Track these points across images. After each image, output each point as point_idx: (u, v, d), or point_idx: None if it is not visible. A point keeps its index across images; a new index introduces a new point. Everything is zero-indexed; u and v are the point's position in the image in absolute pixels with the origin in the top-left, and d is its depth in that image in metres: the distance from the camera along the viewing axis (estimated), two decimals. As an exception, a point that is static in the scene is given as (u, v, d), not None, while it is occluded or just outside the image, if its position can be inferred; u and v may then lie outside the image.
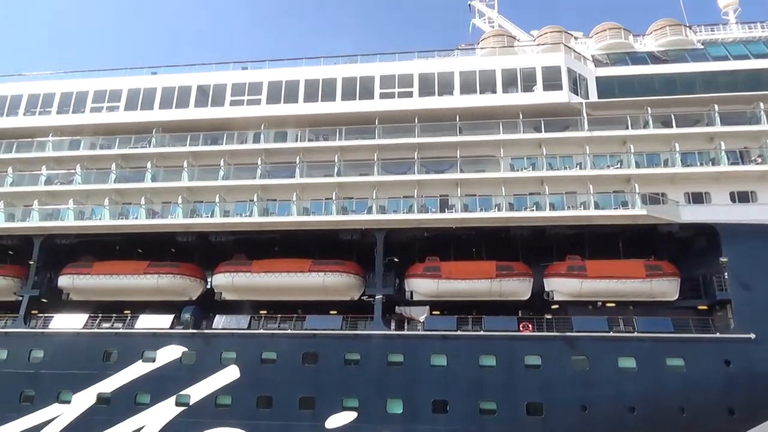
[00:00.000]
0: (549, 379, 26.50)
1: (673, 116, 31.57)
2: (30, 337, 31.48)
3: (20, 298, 33.11)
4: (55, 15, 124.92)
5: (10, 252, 35.26)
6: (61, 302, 33.55)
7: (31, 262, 33.58)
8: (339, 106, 33.85)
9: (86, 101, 36.38)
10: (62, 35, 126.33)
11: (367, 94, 33.82)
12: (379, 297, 29.92)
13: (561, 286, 29.57)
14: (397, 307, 31.99)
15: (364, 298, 30.99)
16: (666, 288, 28.73)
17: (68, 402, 29.32)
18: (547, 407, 26.04)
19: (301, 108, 34.20)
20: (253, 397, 28.01)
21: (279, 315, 30.79)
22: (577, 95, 32.48)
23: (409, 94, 33.44)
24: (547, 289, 29.87)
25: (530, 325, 28.23)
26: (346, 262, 31.24)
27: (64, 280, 33.16)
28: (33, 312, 33.16)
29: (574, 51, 34.73)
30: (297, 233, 31.68)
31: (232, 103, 34.96)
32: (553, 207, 30.21)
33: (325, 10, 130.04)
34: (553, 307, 30.19)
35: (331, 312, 31.69)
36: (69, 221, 33.38)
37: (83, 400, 29.23)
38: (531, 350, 27.29)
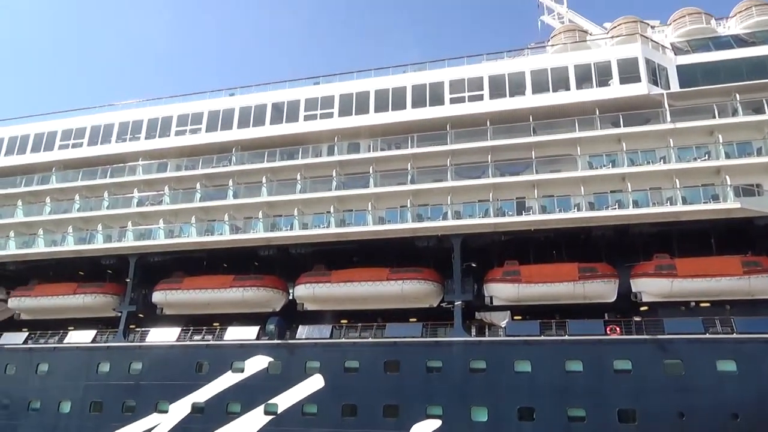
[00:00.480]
0: (641, 385, 25.29)
1: (765, 102, 29.61)
2: (129, 350, 33.51)
3: (119, 314, 35.36)
4: (127, 42, 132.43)
5: (109, 271, 37.66)
6: (156, 316, 35.55)
7: (128, 280, 35.78)
8: (410, 114, 34.03)
9: (171, 126, 38.42)
10: (137, 60, 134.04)
11: (437, 100, 33.82)
12: (458, 303, 29.72)
13: (649, 287, 28.24)
14: (477, 313, 31.65)
15: (443, 304, 30.87)
16: (767, 285, 26.85)
17: (166, 411, 30.93)
18: (640, 414, 24.88)
19: (373, 118, 34.63)
20: (338, 406, 28.47)
21: (360, 324, 31.23)
22: (657, 86, 31.06)
23: (480, 98, 33.13)
24: (634, 290, 28.59)
25: (618, 328, 27.11)
26: (423, 269, 31.26)
27: (157, 296, 35.14)
28: (131, 326, 35.36)
29: (652, 40, 33.32)
30: (374, 242, 32.01)
31: (306, 118, 35.88)
32: (636, 204, 29.03)
33: (387, 19, 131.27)
34: (642, 308, 28.88)
35: (411, 319, 31.80)
36: (160, 240, 35.32)
37: (179, 409, 30.74)
38: (620, 354, 26.19)
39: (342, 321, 32.53)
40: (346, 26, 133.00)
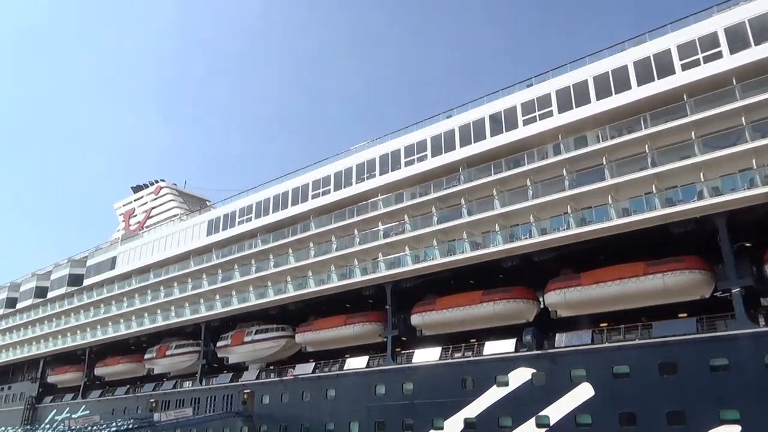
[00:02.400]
0: None
1: None
2: (400, 372, 36.06)
3: (385, 339, 38.34)
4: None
5: (370, 300, 41.18)
6: (417, 338, 37.76)
7: (387, 307, 38.71)
8: (636, 93, 31.20)
9: (400, 158, 40.89)
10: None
11: (665, 70, 30.46)
12: (736, 290, 26.10)
13: None
14: (762, 299, 27.37)
15: (717, 294, 27.40)
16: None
17: (441, 428, 32.48)
18: None
19: (596, 107, 32.53)
20: (614, 415, 26.89)
21: (622, 325, 29.26)
22: None
23: (717, 55, 28.97)
24: None
25: None
26: (684, 257, 28.17)
27: (415, 319, 37.40)
28: (397, 349, 38.06)
29: None
30: (619, 237, 29.84)
31: (525, 122, 35.19)
32: None
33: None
34: None
35: (680, 315, 28.81)
36: (408, 266, 37.58)
37: (453, 425, 32.03)
38: None
39: (601, 324, 30.82)
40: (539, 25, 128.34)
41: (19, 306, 74.46)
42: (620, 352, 28.07)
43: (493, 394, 31.17)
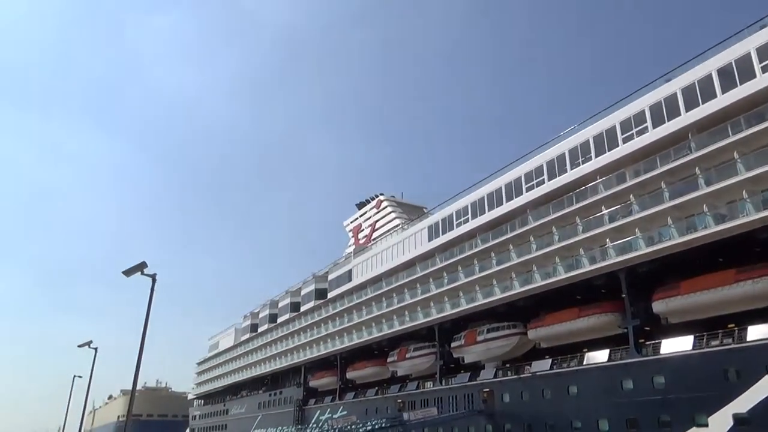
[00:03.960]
0: None
1: None
2: (648, 365, 33.19)
3: (625, 330, 35.66)
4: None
5: (603, 290, 38.69)
6: (661, 327, 34.44)
7: (623, 295, 35.98)
8: None
9: (616, 135, 37.90)
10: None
11: None
12: None
13: None
14: None
15: None
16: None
17: (705, 425, 29.08)
18: None
19: None
20: None
21: None
22: None
23: None
24: None
25: None
26: None
27: (658, 306, 34.20)
28: (640, 341, 35.13)
29: None
30: None
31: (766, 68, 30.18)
32: None
33: None
34: None
35: None
36: (642, 249, 34.49)
37: (720, 421, 28.46)
38: None
39: None
40: None
41: (279, 320, 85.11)
42: None
43: (765, 386, 27.03)
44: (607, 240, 37.04)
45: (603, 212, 38.31)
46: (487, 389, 44.95)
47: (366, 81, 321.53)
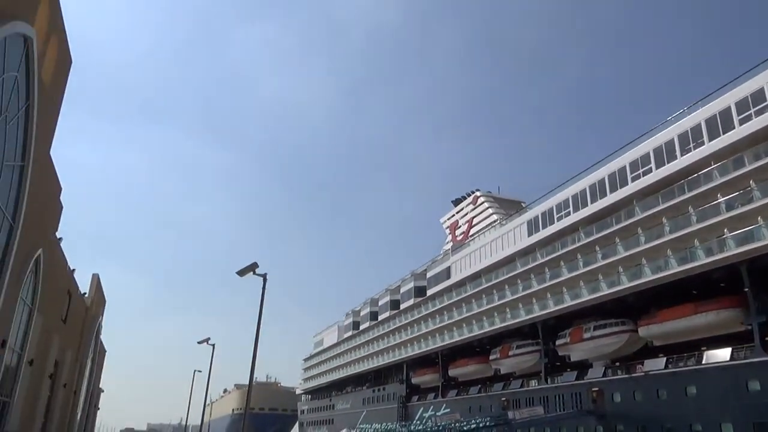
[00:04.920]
0: None
1: None
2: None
3: (749, 327, 32.99)
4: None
5: (721, 284, 35.96)
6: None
7: (746, 289, 33.28)
8: None
9: (731, 117, 35.18)
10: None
11: None
12: None
13: None
14: None
15: None
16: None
17: None
18: None
19: None
20: None
21: None
22: None
23: None
24: None
25: None
26: None
27: (788, 300, 31.32)
28: (767, 338, 32.36)
29: None
30: None
31: None
32: None
33: None
34: None
35: None
36: (766, 239, 31.76)
37: None
38: None
39: None
40: None
41: (380, 318, 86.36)
42: None
43: None
44: (725, 230, 34.41)
45: (719, 200, 35.63)
46: (596, 389, 43.18)
47: (458, 76, 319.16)
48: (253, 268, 16.74)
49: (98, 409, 63.82)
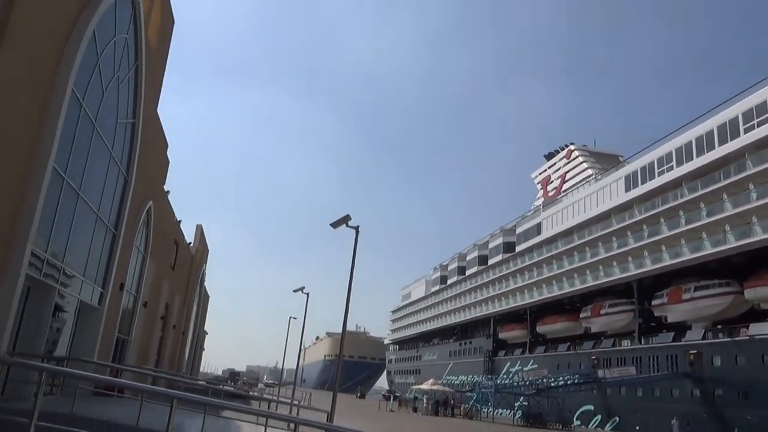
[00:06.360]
0: None
1: None
2: None
3: None
4: None
5: None
6: None
7: None
8: None
9: None
10: None
11: None
12: None
13: None
14: None
15: None
16: None
17: None
18: None
19: None
20: None
21: None
22: None
23: None
24: None
25: None
26: None
27: None
28: None
29: None
30: None
31: None
32: None
33: None
34: None
35: None
36: None
37: None
38: None
39: None
40: None
41: (468, 273, 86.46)
42: None
43: None
44: None
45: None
46: (694, 351, 41.40)
47: (552, 25, 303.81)
48: (346, 220, 17.13)
49: (203, 350, 68.80)
